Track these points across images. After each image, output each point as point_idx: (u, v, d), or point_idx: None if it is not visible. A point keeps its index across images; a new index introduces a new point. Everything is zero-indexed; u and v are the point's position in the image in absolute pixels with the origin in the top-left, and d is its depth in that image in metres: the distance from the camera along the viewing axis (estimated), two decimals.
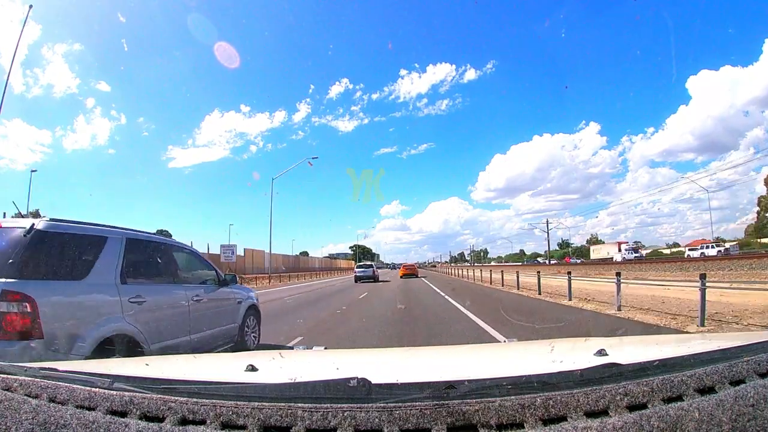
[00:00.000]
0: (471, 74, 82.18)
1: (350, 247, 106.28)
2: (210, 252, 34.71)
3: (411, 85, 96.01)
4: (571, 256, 73.16)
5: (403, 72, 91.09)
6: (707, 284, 6.83)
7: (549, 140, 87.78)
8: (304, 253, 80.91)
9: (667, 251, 58.91)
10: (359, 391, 0.83)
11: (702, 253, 40.85)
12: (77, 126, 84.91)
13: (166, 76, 74.17)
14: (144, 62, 75.28)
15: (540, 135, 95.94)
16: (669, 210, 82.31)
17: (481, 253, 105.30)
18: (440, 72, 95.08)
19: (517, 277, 16.80)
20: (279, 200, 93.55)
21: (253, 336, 5.56)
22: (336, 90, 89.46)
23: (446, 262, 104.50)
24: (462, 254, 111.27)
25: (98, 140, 74.46)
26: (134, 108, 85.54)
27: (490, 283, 20.71)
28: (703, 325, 6.50)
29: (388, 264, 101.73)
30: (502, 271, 20.61)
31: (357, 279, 29.06)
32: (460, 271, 36.89)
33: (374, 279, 29.34)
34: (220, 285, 4.86)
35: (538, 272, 14.58)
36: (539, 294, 13.19)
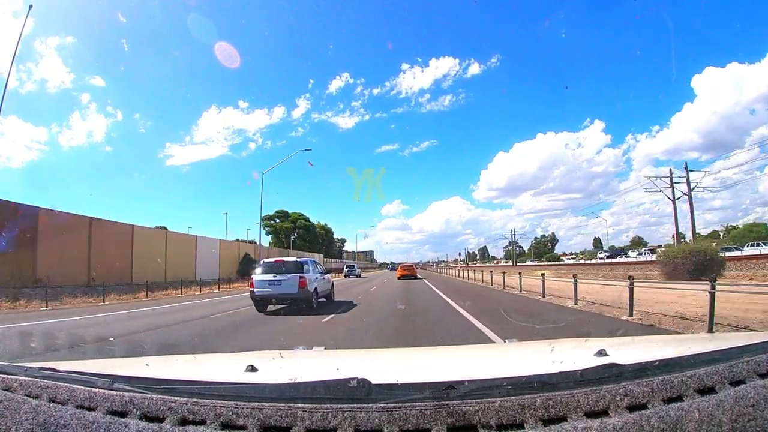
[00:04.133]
0: (475, 69, 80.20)
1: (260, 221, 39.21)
2: None
3: (413, 79, 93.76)
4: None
5: (405, 66, 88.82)
6: None
7: (553, 138, 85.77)
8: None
9: None
10: (359, 391, 0.83)
11: None
12: (73, 122, 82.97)
13: (161, 71, 71.54)
14: (139, 57, 72.93)
15: (544, 133, 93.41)
16: (671, 210, 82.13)
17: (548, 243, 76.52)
18: (443, 66, 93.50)
19: None
20: (277, 199, 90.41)
21: None
22: (336, 85, 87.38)
23: (461, 260, 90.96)
24: (484, 249, 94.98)
25: (94, 137, 71.58)
26: (130, 104, 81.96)
27: None
28: None
29: (386, 264, 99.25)
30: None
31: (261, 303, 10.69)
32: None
33: (308, 300, 10.62)
34: None
35: None
36: None
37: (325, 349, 2.01)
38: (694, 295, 8.24)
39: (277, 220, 58.14)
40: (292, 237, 56.82)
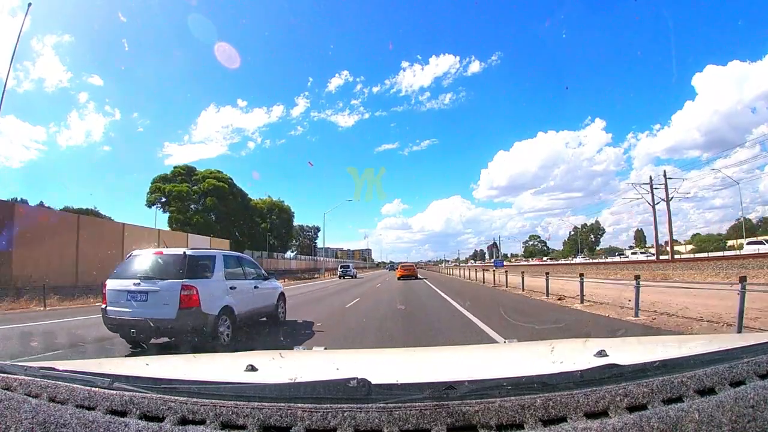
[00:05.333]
0: (475, 66, 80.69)
1: None
2: None
3: (413, 77, 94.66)
4: None
5: (404, 64, 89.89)
6: None
7: (553, 137, 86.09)
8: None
9: None
10: (359, 391, 0.83)
11: None
12: (71, 122, 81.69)
13: (160, 70, 71.18)
14: (138, 55, 72.98)
15: (544, 132, 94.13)
16: (672, 209, 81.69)
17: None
18: (443, 64, 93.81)
19: None
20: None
21: None
22: (336, 83, 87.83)
23: (466, 259, 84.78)
24: (494, 245, 78.86)
25: (93, 136, 70.99)
26: (128, 103, 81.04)
27: None
28: None
29: (385, 263, 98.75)
30: None
31: None
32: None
33: (201, 332, 5.26)
34: None
35: None
36: None
37: (325, 349, 2.01)
38: None
39: (176, 181, 30.15)
40: (202, 212, 30.04)
